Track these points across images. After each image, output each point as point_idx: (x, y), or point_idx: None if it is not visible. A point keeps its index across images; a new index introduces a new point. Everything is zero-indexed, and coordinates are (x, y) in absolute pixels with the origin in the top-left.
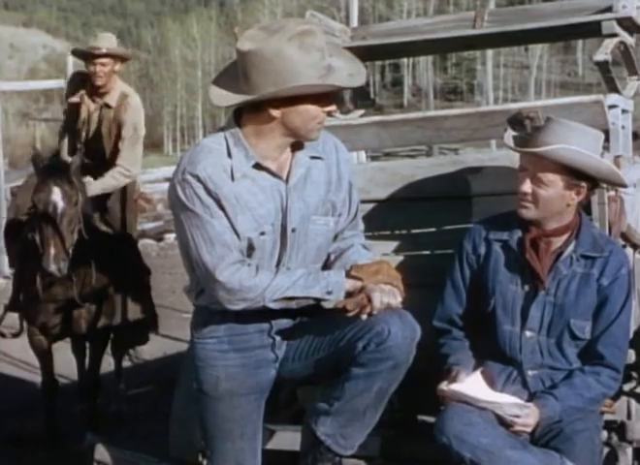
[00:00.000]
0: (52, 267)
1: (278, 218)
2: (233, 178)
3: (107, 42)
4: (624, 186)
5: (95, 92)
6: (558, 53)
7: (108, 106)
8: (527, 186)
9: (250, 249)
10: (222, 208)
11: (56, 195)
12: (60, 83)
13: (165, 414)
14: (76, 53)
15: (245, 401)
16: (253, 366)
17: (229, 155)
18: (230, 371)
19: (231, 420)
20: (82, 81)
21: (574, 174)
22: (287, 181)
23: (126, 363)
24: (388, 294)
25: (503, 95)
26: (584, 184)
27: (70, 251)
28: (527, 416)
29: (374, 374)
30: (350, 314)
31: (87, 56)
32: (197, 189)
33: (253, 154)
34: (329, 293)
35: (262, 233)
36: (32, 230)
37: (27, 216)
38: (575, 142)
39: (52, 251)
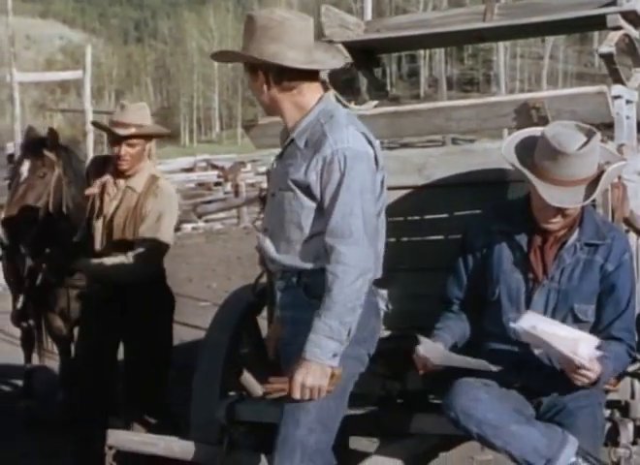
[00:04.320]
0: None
1: None
2: None
3: (136, 116)
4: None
5: (118, 173)
6: (574, 44)
7: (132, 189)
8: (556, 218)
9: None
10: None
11: (24, 166)
12: (78, 74)
13: (183, 398)
14: (98, 126)
15: None
16: None
17: None
18: None
19: None
20: (104, 164)
21: None
22: None
23: None
24: None
25: (520, 86)
26: None
27: (29, 222)
28: (595, 360)
29: None
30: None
31: (111, 136)
32: None
33: None
34: None
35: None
36: None
37: None
38: (594, 161)
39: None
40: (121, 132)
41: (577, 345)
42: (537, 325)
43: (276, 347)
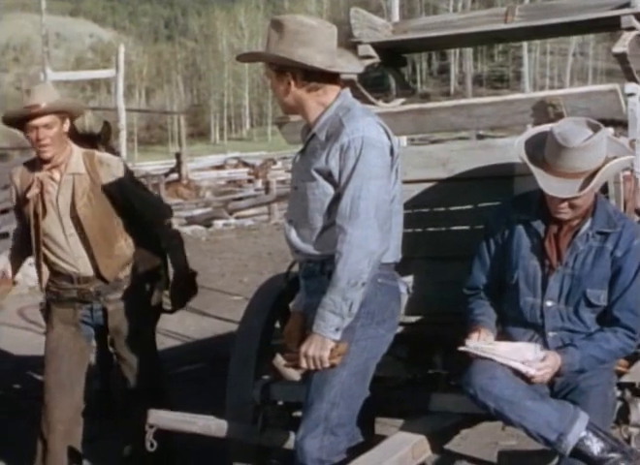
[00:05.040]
0: None
1: None
2: None
3: (44, 95)
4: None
5: (50, 167)
6: (604, 41)
7: (76, 174)
8: (564, 208)
9: None
10: None
11: None
12: (111, 73)
13: (215, 390)
14: (8, 121)
15: None
16: None
17: None
18: None
19: None
20: (29, 169)
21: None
22: None
23: (176, 342)
24: None
25: (550, 83)
26: None
27: None
28: (544, 359)
29: None
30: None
31: (23, 120)
32: None
33: None
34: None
35: None
36: None
37: None
38: (597, 155)
39: None
40: (32, 110)
41: (522, 353)
42: (479, 346)
43: (298, 338)
